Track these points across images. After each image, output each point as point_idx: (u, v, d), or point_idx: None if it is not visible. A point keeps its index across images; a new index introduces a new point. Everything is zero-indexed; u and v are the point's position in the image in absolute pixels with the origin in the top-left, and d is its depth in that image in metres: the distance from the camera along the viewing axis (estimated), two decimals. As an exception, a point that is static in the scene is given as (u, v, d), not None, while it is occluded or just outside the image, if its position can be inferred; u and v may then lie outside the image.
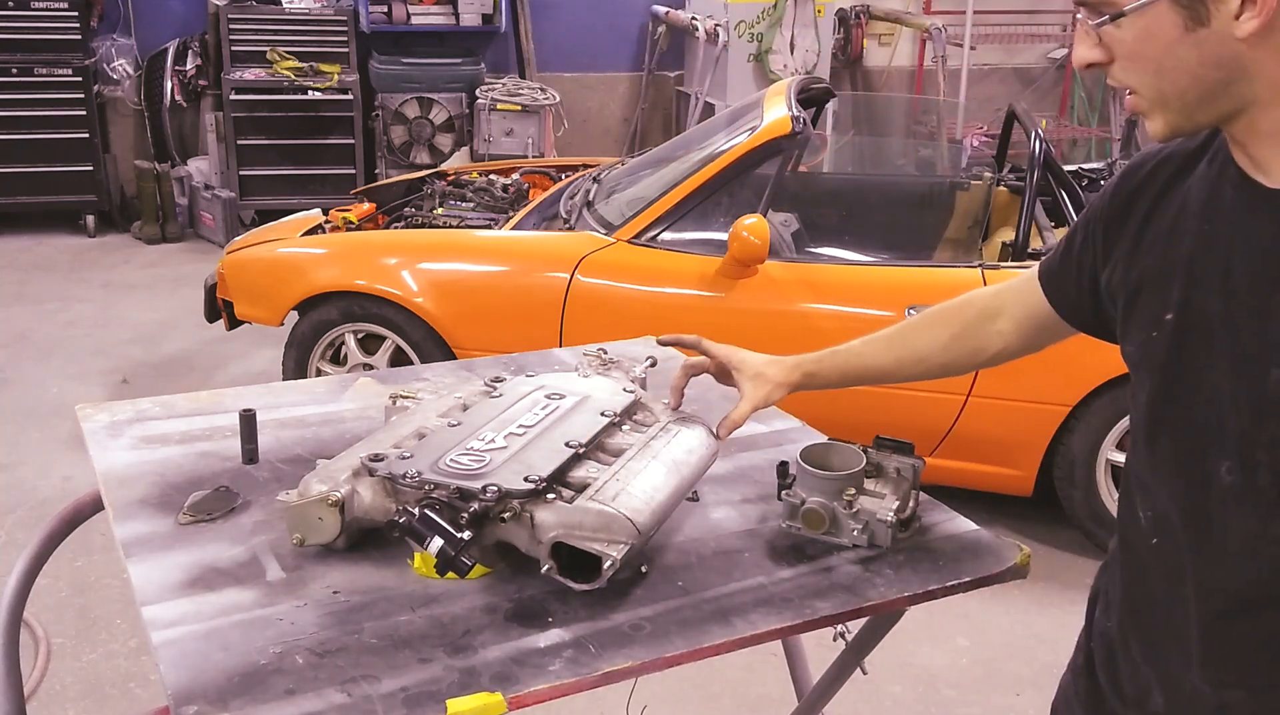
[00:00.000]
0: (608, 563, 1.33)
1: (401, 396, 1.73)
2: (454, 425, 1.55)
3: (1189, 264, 1.17)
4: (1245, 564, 1.14)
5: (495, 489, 1.37)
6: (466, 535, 1.34)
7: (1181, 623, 1.20)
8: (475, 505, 1.37)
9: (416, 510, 1.36)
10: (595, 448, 1.53)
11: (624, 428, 1.60)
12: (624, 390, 1.68)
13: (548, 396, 1.64)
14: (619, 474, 1.45)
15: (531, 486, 1.38)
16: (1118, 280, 1.27)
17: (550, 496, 1.39)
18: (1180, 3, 1.06)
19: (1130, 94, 1.14)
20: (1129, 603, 1.29)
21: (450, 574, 1.38)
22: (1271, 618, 1.14)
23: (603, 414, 1.59)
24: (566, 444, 1.50)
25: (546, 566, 1.36)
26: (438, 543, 1.34)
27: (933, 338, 1.55)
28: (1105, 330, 1.35)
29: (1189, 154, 1.23)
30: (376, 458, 1.46)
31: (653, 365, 1.91)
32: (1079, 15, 1.15)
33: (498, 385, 1.70)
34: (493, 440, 1.49)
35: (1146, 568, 1.26)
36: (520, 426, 1.54)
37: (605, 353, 1.94)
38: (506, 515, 1.38)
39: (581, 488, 1.42)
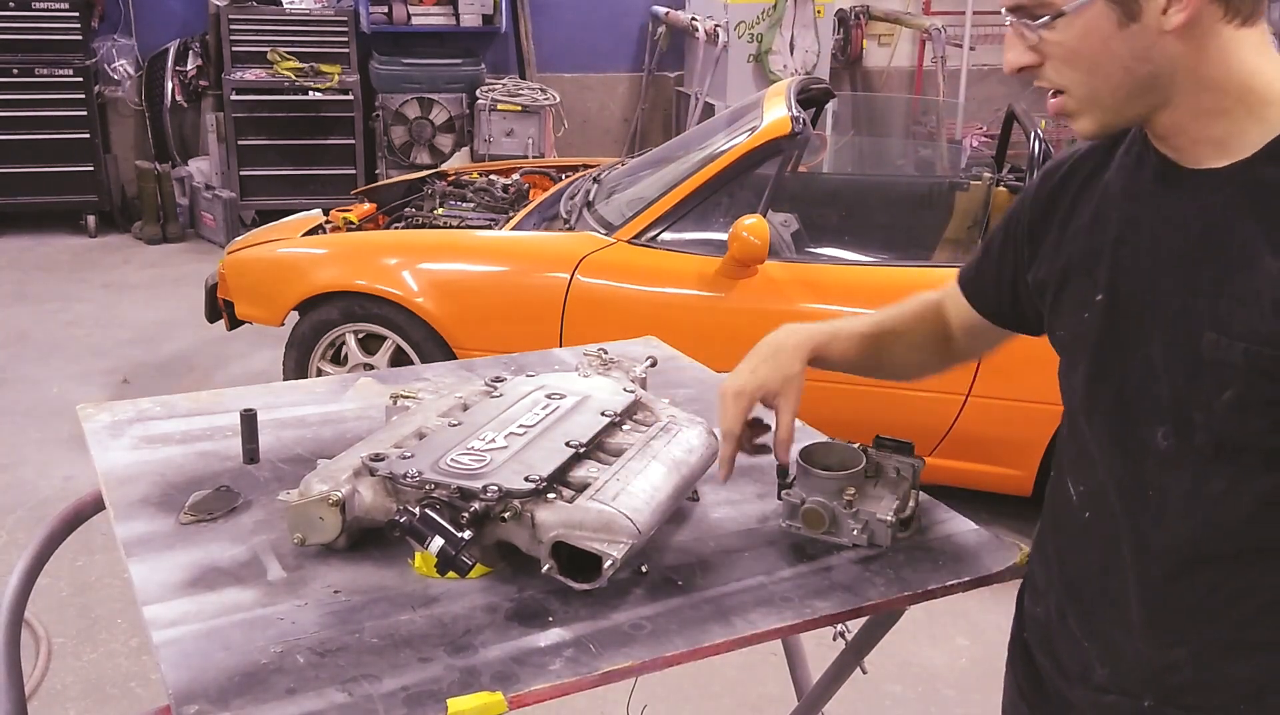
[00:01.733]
0: (608, 562, 1.33)
1: (402, 396, 1.73)
2: (454, 425, 1.56)
3: (1115, 246, 1.23)
4: (1182, 525, 1.18)
5: (496, 489, 1.38)
6: (467, 535, 1.34)
7: (1119, 592, 1.24)
8: (476, 505, 1.37)
9: (417, 510, 1.36)
10: (595, 447, 1.54)
11: (624, 427, 1.61)
12: (624, 390, 1.68)
13: (548, 396, 1.64)
14: (619, 474, 1.45)
15: (532, 486, 1.39)
16: (1044, 274, 1.33)
17: (550, 496, 1.39)
18: (1114, 0, 1.11)
19: (1055, 96, 1.19)
20: (1064, 582, 1.32)
21: (451, 573, 1.39)
22: (1208, 574, 1.18)
23: (603, 414, 1.59)
24: (567, 444, 1.50)
25: (547, 566, 1.37)
26: (438, 542, 1.34)
27: (910, 351, 1.59)
28: (1026, 326, 1.44)
29: (1104, 149, 1.29)
30: (377, 457, 1.46)
31: (653, 365, 1.91)
32: (1009, 20, 1.19)
33: (498, 385, 1.71)
34: (493, 440, 1.49)
35: (1080, 545, 1.30)
36: (521, 426, 1.54)
37: (605, 353, 1.95)
38: (507, 515, 1.38)
39: (582, 487, 1.43)
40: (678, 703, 2.97)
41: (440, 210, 4.55)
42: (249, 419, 1.69)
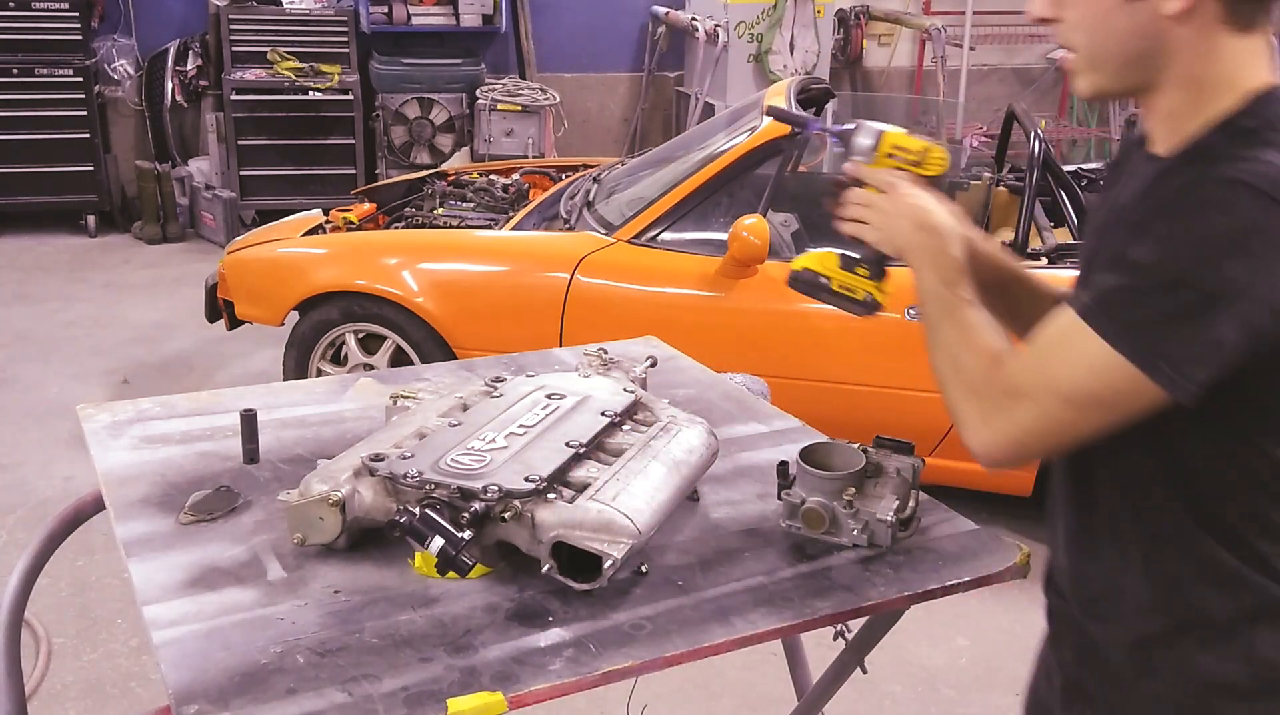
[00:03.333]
0: (608, 562, 1.33)
1: (402, 396, 1.73)
2: (455, 425, 1.56)
3: (1093, 211, 1.42)
4: (1096, 463, 1.32)
5: (496, 489, 1.38)
6: (467, 535, 1.34)
7: (1057, 512, 1.41)
8: (476, 505, 1.37)
9: (417, 510, 1.36)
10: (595, 447, 1.54)
11: (624, 427, 1.61)
12: (624, 390, 1.68)
13: (548, 396, 1.64)
14: (619, 474, 1.45)
15: (532, 486, 1.39)
16: None
17: (551, 496, 1.39)
18: None
19: (1069, 53, 1.29)
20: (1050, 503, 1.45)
21: (451, 573, 1.39)
22: (1110, 501, 1.32)
23: (603, 414, 1.59)
24: (567, 444, 1.50)
25: (547, 566, 1.37)
26: (438, 542, 1.34)
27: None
28: None
29: (1124, 149, 1.42)
30: (377, 457, 1.46)
31: (653, 365, 1.91)
32: None
33: (498, 385, 1.71)
34: (493, 440, 1.49)
35: (1055, 486, 1.42)
36: (521, 426, 1.54)
37: (605, 353, 1.95)
38: (507, 515, 1.38)
39: (582, 487, 1.43)
40: (678, 703, 2.97)
41: (440, 210, 4.55)
42: (249, 419, 1.69)
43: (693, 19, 7.17)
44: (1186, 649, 1.28)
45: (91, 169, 6.75)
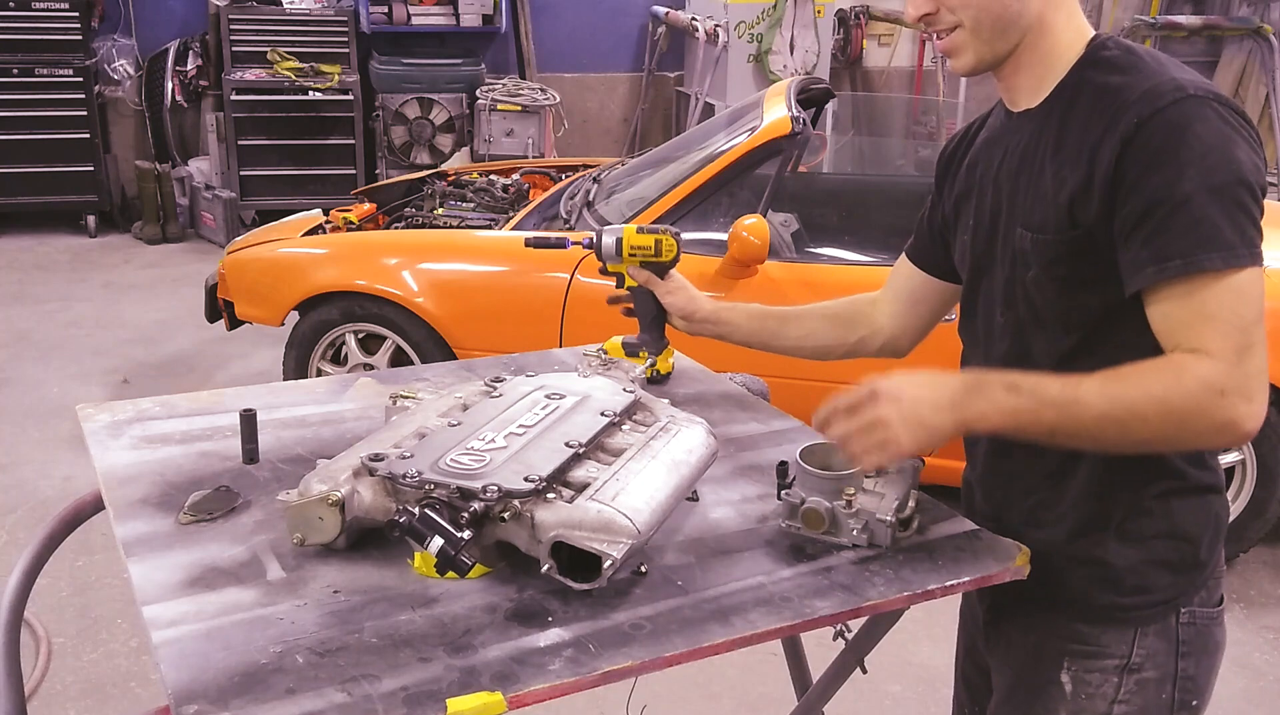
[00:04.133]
0: (608, 562, 1.33)
1: (402, 396, 1.73)
2: (454, 425, 1.55)
3: (979, 185, 1.59)
4: None
5: (496, 488, 1.38)
6: (467, 535, 1.34)
7: (984, 443, 1.65)
8: (476, 505, 1.37)
9: (417, 510, 1.36)
10: (595, 448, 1.53)
11: (624, 428, 1.60)
12: (624, 390, 1.68)
13: (548, 396, 1.64)
14: (619, 474, 1.45)
15: (532, 486, 1.38)
16: (947, 212, 1.69)
17: (550, 496, 1.39)
18: None
19: (944, 36, 1.48)
20: (971, 454, 1.69)
21: (450, 573, 1.39)
22: None
23: (603, 414, 1.59)
24: (566, 444, 1.50)
25: (546, 566, 1.36)
26: (438, 542, 1.34)
27: (821, 323, 1.95)
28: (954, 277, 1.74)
29: (978, 122, 1.67)
30: (377, 457, 1.46)
31: (653, 365, 1.91)
32: None
33: (498, 385, 1.70)
34: (493, 440, 1.49)
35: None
36: (520, 426, 1.54)
37: (605, 353, 1.94)
38: (507, 515, 1.38)
39: (581, 487, 1.43)
40: (678, 703, 2.97)
41: (440, 210, 4.55)
42: (249, 419, 1.69)
43: (693, 19, 7.18)
44: (1117, 531, 1.50)
45: (91, 169, 6.75)
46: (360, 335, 4.04)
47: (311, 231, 4.36)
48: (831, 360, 1.93)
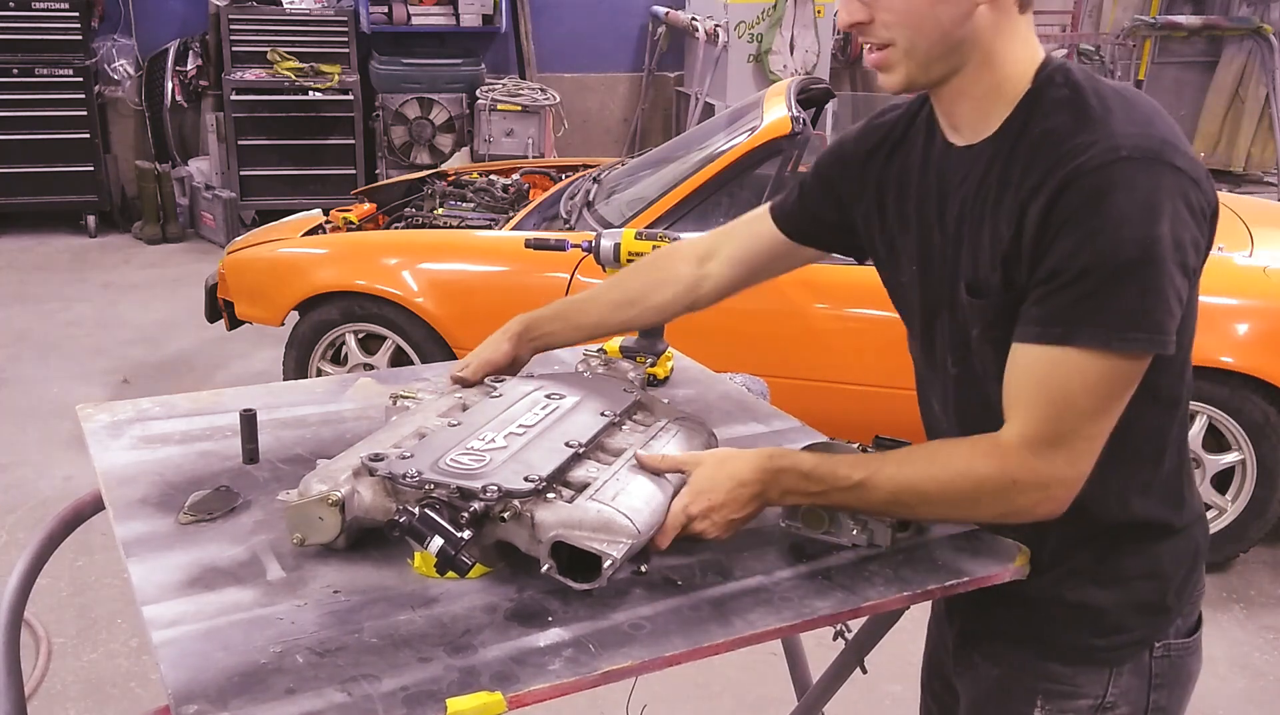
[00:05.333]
0: (608, 562, 1.33)
1: (402, 396, 1.73)
2: (454, 425, 1.55)
3: (919, 217, 1.49)
4: (958, 422, 1.51)
5: (496, 488, 1.38)
6: (467, 534, 1.34)
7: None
8: (476, 505, 1.37)
9: (417, 510, 1.36)
10: (595, 447, 1.53)
11: (624, 427, 1.60)
12: (623, 390, 1.68)
13: (547, 396, 1.64)
14: (618, 474, 1.45)
15: (532, 486, 1.38)
16: (873, 226, 1.58)
17: (550, 496, 1.39)
18: None
19: (877, 51, 1.37)
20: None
21: (450, 573, 1.39)
22: None
23: (603, 414, 1.59)
24: (566, 444, 1.50)
25: (546, 566, 1.36)
26: (438, 542, 1.34)
27: (645, 282, 1.79)
28: (841, 249, 1.70)
29: (902, 126, 1.54)
30: (377, 457, 1.46)
31: (653, 365, 1.91)
32: None
33: (498, 385, 1.70)
34: (493, 440, 1.49)
35: (941, 432, 1.58)
36: (520, 426, 1.54)
37: (605, 353, 1.94)
38: (507, 515, 1.38)
39: (581, 487, 1.43)
40: (678, 703, 2.97)
41: (440, 210, 4.55)
42: (249, 419, 1.69)
43: (693, 19, 7.18)
44: (1096, 575, 1.47)
45: (91, 169, 6.76)
46: (360, 335, 4.04)
47: (311, 231, 4.36)
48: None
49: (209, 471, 1.66)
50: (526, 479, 1.39)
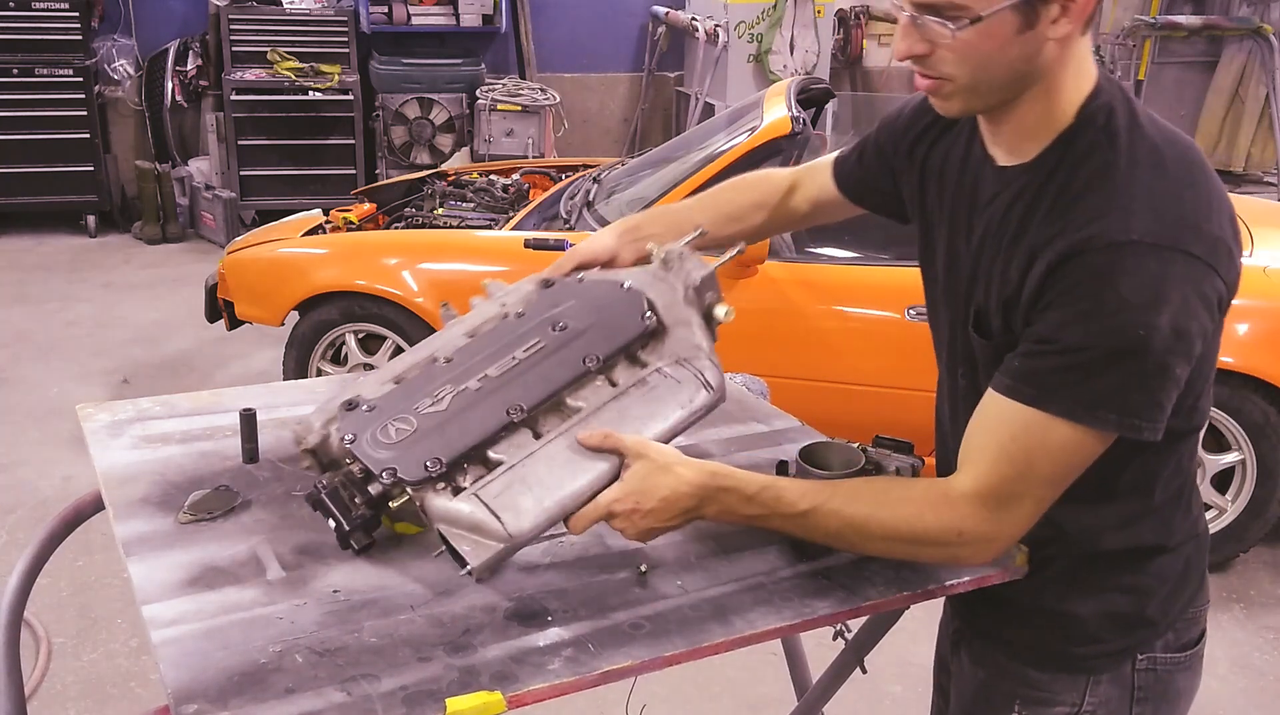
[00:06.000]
0: (464, 569, 1.34)
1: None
2: (448, 360, 1.56)
3: (951, 215, 1.47)
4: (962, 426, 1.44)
5: (392, 472, 1.39)
6: (362, 515, 1.39)
7: (943, 452, 1.60)
8: (373, 487, 1.39)
9: (326, 482, 1.41)
10: (544, 410, 1.48)
11: (597, 381, 1.52)
12: (643, 315, 1.56)
13: (555, 328, 1.57)
14: (527, 460, 1.41)
15: (425, 475, 1.38)
16: (915, 204, 1.57)
17: (440, 486, 1.39)
18: (1019, 9, 1.23)
19: (932, 80, 1.32)
20: (940, 473, 1.56)
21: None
22: None
23: (584, 361, 1.51)
24: (507, 411, 1.45)
25: (438, 553, 1.39)
26: (333, 522, 1.40)
27: (747, 201, 1.79)
28: (889, 215, 1.70)
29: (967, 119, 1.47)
30: (352, 406, 1.48)
31: (741, 252, 1.73)
32: (907, 14, 1.29)
33: (545, 288, 1.68)
34: (442, 398, 1.47)
35: (946, 445, 1.58)
36: (484, 376, 1.50)
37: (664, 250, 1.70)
38: (400, 501, 1.40)
39: (491, 467, 1.42)
40: (678, 703, 2.97)
41: (440, 210, 4.55)
42: (249, 419, 1.69)
43: (693, 19, 7.17)
44: (1083, 586, 1.47)
45: (91, 169, 6.75)
46: (360, 335, 4.04)
47: (311, 231, 4.36)
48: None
49: (209, 471, 1.66)
50: (426, 466, 1.39)
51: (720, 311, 1.61)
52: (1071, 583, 1.47)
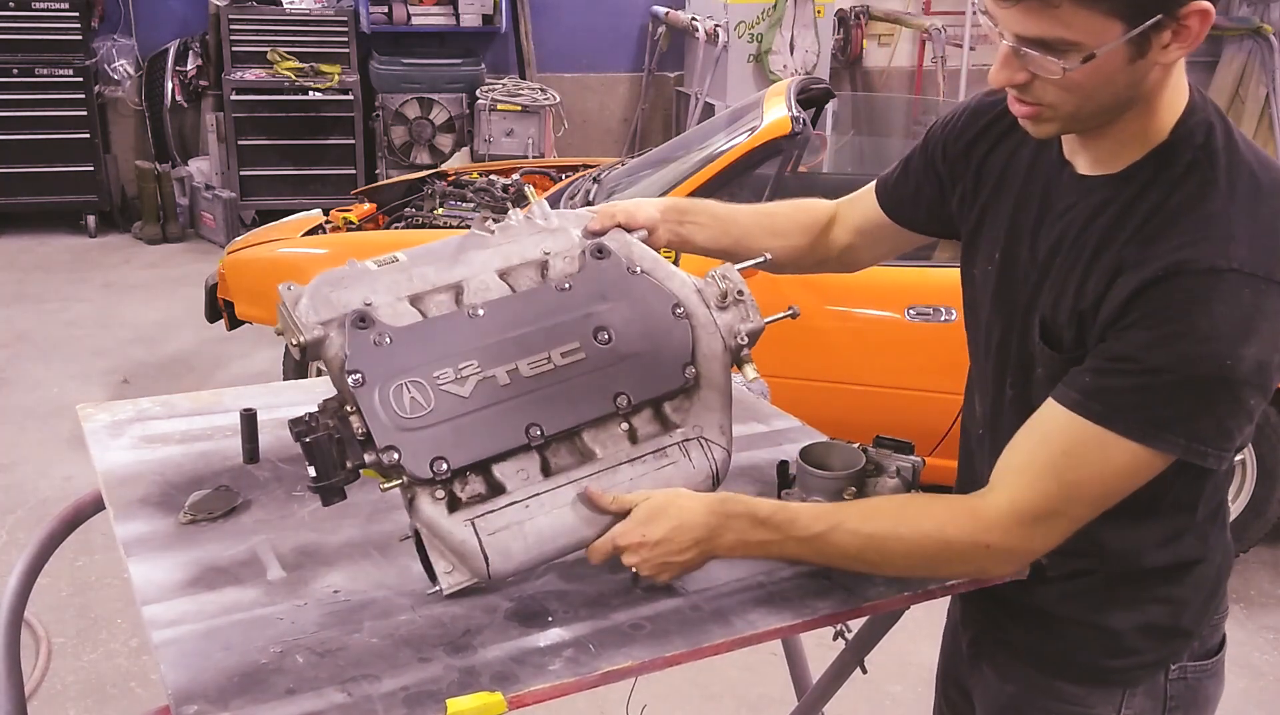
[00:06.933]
0: (433, 589, 1.33)
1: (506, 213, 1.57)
2: (473, 315, 1.41)
3: (1011, 218, 1.43)
4: (1004, 447, 1.39)
5: (395, 458, 1.30)
6: (339, 478, 1.30)
7: (981, 472, 1.49)
8: (368, 457, 1.31)
9: (320, 423, 1.31)
10: (561, 441, 1.41)
11: (621, 426, 1.44)
12: (684, 367, 1.46)
13: (596, 335, 1.43)
14: (533, 501, 1.36)
15: (429, 476, 1.31)
16: (966, 207, 1.52)
17: (439, 492, 1.33)
18: (1133, 40, 1.18)
19: (1029, 106, 1.27)
20: (962, 479, 1.60)
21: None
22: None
23: (616, 398, 1.41)
24: (528, 430, 1.37)
25: (404, 537, 1.35)
26: (312, 471, 1.30)
27: (790, 223, 1.74)
28: (935, 232, 1.66)
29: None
30: (363, 321, 1.39)
31: (764, 262, 1.69)
32: (1008, 43, 1.23)
33: (595, 260, 1.49)
34: (465, 377, 1.36)
35: (972, 452, 1.57)
36: (512, 370, 1.38)
37: (729, 280, 1.65)
38: (393, 485, 1.32)
39: (494, 491, 1.36)
40: (678, 703, 2.97)
41: (440, 210, 4.55)
42: (249, 419, 1.69)
43: (693, 19, 7.17)
44: (1115, 598, 1.44)
45: (91, 169, 6.75)
46: (360, 335, 4.03)
47: (311, 231, 4.36)
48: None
49: (209, 471, 1.66)
50: (432, 466, 1.31)
51: (750, 372, 1.60)
52: (1109, 596, 1.45)
